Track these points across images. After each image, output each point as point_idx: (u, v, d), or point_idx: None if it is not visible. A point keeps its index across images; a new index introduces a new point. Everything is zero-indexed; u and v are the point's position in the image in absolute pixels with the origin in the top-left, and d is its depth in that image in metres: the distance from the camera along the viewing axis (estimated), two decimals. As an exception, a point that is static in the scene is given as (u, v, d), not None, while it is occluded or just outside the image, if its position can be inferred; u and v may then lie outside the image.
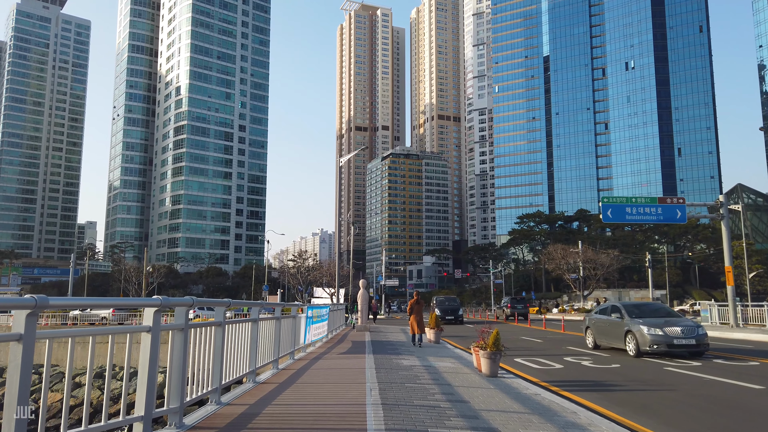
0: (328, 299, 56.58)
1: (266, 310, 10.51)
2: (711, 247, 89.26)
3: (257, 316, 8.58)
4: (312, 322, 14.29)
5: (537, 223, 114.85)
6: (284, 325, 11.23)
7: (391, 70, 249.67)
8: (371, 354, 13.57)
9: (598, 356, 15.23)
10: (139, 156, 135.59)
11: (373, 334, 23.04)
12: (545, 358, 14.77)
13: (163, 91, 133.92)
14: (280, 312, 10.50)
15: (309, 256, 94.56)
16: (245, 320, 8.24)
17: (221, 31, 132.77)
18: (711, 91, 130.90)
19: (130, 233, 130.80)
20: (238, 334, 7.83)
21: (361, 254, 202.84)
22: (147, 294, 78.77)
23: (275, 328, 10.28)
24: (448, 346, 17.08)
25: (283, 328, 11.18)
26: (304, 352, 13.88)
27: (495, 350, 9.81)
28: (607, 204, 29.51)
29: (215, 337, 6.69)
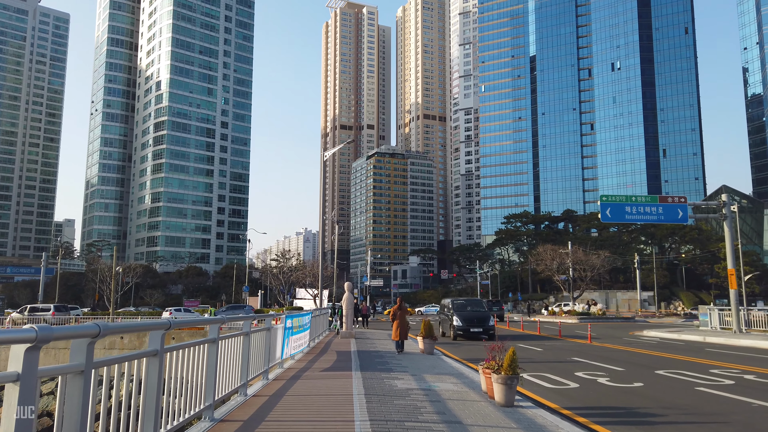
0: (311, 300, 54.64)
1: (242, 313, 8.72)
2: (697, 249, 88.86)
3: (216, 335, 6.75)
4: (291, 333, 12.46)
5: (524, 223, 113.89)
6: (256, 341, 9.40)
7: (376, 69, 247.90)
8: (359, 371, 11.76)
9: (612, 371, 13.60)
10: (117, 152, 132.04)
11: (359, 342, 21.23)
12: (554, 373, 13.12)
13: (143, 85, 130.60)
14: (249, 326, 8.66)
15: (292, 255, 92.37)
16: (197, 342, 6.42)
17: (203, 25, 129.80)
18: (696, 92, 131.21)
19: (108, 231, 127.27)
20: (188, 360, 6.01)
21: (346, 254, 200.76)
22: (122, 295, 76.12)
23: (243, 347, 8.45)
24: (444, 358, 15.34)
25: (255, 345, 9.35)
26: (281, 368, 12.05)
27: (512, 374, 8.07)
28: (606, 203, 28.01)
29: (148, 373, 4.87)
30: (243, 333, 8.55)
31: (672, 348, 21.15)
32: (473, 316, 24.47)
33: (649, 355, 17.89)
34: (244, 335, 8.58)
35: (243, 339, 8.53)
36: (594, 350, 19.72)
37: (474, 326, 23.79)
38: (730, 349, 20.65)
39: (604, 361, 15.90)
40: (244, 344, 8.53)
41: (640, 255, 74.50)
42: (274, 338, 11.15)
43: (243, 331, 8.65)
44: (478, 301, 27.08)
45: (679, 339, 26.47)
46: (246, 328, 8.68)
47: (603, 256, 54.47)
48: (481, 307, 25.93)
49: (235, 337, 7.99)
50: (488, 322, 23.96)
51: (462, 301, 26.86)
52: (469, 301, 26.86)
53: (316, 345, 19.23)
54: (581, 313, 48.24)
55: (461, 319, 24.01)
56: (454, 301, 26.47)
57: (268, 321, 10.46)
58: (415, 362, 13.90)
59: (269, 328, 10.37)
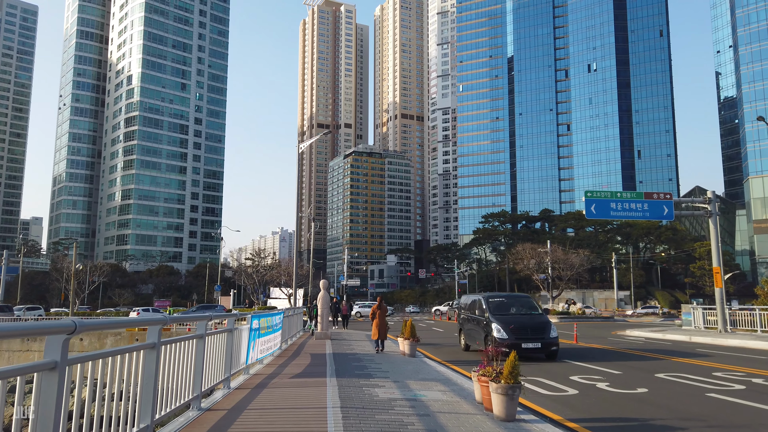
0: (286, 300, 53.07)
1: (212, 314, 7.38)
2: (672, 249, 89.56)
3: (156, 340, 5.42)
4: (258, 336, 11.12)
5: (501, 222, 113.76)
6: (214, 345, 8.07)
7: (354, 68, 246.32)
8: (334, 377, 10.48)
9: (609, 374, 12.57)
10: (86, 148, 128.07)
11: (336, 343, 19.92)
12: (548, 377, 12.02)
13: (114, 80, 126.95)
14: (204, 328, 7.33)
15: (268, 254, 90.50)
16: (133, 348, 5.10)
17: (177, 18, 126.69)
18: (670, 94, 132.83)
19: (76, 229, 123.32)
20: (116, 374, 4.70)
21: (322, 253, 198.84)
22: (89, 295, 73.37)
23: (196, 352, 7.13)
24: (427, 361, 14.14)
25: (213, 349, 8.02)
26: (246, 374, 10.72)
27: (513, 383, 6.89)
28: (591, 199, 27.16)
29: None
30: (196, 336, 7.22)
31: (661, 348, 20.33)
32: (524, 322, 15.83)
33: (642, 357, 16.96)
34: (198, 338, 7.26)
35: (196, 343, 7.21)
36: (582, 351, 18.76)
37: (527, 339, 15.10)
38: (722, 350, 19.89)
39: (596, 362, 14.89)
40: (197, 349, 7.21)
41: (616, 254, 74.62)
42: (237, 341, 9.82)
43: (197, 333, 7.33)
44: (523, 299, 17.70)
45: (664, 339, 25.77)
46: (200, 330, 7.35)
47: (582, 255, 54.09)
48: (532, 308, 17.11)
49: (185, 341, 6.67)
50: (548, 332, 15.43)
51: (501, 298, 17.32)
52: (511, 298, 17.62)
53: (288, 347, 17.89)
54: (561, 312, 47.62)
55: (505, 327, 15.24)
56: (489, 299, 16.97)
57: (230, 322, 9.12)
58: (396, 366, 12.68)
59: (231, 329, 9.03)
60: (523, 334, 15.27)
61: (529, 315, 16.55)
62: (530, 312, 16.84)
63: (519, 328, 15.43)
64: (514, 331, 15.24)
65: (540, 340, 15.22)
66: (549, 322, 16.11)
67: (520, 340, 15.04)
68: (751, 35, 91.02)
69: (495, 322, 15.43)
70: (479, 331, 16.44)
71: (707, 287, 76.29)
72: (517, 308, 16.90)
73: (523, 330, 15.41)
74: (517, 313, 16.56)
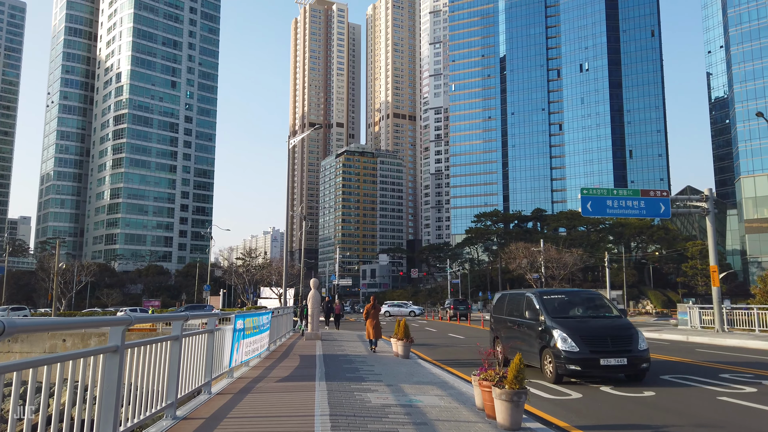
0: (277, 300, 52.36)
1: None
2: (664, 248, 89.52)
3: (118, 343, 4.78)
4: (243, 336, 10.47)
5: (494, 222, 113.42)
6: (193, 347, 7.43)
7: (346, 67, 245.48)
8: (324, 381, 9.85)
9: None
10: (74, 146, 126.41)
11: (326, 344, 19.28)
12: (547, 378, 11.44)
13: (103, 77, 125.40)
14: (181, 329, 6.69)
15: (259, 254, 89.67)
16: (89, 352, 4.46)
17: (167, 15, 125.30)
18: (661, 94, 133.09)
19: (64, 229, 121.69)
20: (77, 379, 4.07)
21: (314, 253, 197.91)
22: (77, 295, 72.22)
23: (171, 355, 6.49)
24: (422, 363, 13.53)
25: (192, 352, 7.38)
26: (230, 378, 10.06)
27: (519, 389, 6.29)
28: (586, 196, 26.68)
29: None
30: (170, 338, 6.57)
31: (659, 348, 19.86)
32: (599, 328, 11.45)
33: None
34: (173, 340, 6.61)
35: (171, 345, 6.57)
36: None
37: (608, 352, 10.75)
38: (722, 350, 19.44)
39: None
40: (172, 352, 6.57)
41: (608, 254, 74.37)
42: (220, 342, 9.17)
43: (172, 334, 6.68)
44: (591, 296, 13.13)
45: (661, 338, 25.35)
46: (176, 331, 6.71)
47: (576, 254, 53.71)
48: (604, 308, 12.57)
49: (157, 343, 6.02)
50: (636, 343, 11.08)
51: (560, 295, 12.89)
52: (573, 295, 13.18)
53: (277, 348, 17.23)
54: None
55: (574, 335, 10.91)
56: (543, 295, 12.52)
57: (211, 322, 8.48)
58: (389, 368, 12.06)
59: (212, 330, 8.38)
60: (601, 345, 10.80)
61: (603, 318, 12.14)
62: (603, 314, 12.33)
63: (594, 336, 10.95)
64: (588, 341, 10.76)
65: (626, 354, 10.65)
66: (633, 327, 11.64)
67: (598, 353, 10.61)
68: (743, 34, 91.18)
69: (558, 329, 11.02)
70: (531, 341, 11.97)
71: (699, 287, 76.33)
72: (583, 309, 12.46)
73: (600, 340, 10.90)
74: (585, 315, 12.17)
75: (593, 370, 10.66)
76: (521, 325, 12.71)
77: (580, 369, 10.55)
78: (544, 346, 11.28)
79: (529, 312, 12.31)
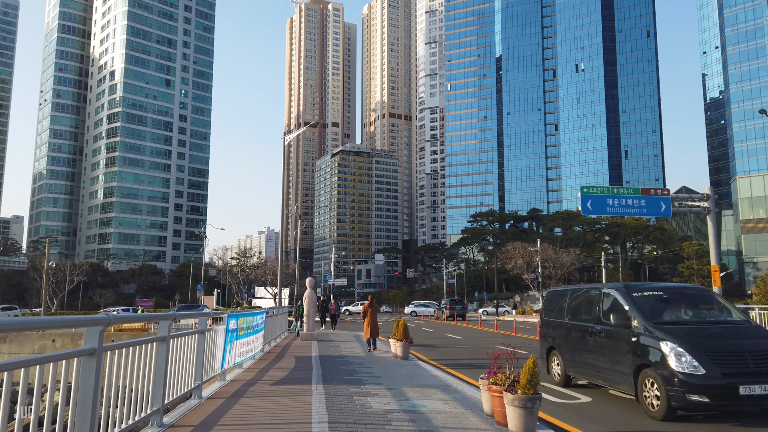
0: (272, 300, 51.82)
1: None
2: (660, 248, 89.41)
3: (95, 345, 4.30)
4: (237, 337, 9.98)
5: (490, 221, 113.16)
6: (181, 348, 6.95)
7: (342, 66, 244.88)
8: (321, 384, 9.36)
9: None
10: (67, 145, 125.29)
11: (322, 344, 18.79)
12: (550, 380, 11.01)
13: (96, 75, 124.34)
14: (168, 329, 6.21)
15: (254, 254, 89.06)
16: (62, 355, 3.97)
17: (161, 13, 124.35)
18: (657, 94, 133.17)
19: (57, 228, 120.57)
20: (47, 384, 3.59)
21: (309, 253, 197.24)
22: (69, 295, 71.39)
23: (157, 358, 6.01)
24: (422, 365, 13.07)
25: (180, 354, 6.90)
26: (222, 380, 9.57)
27: (532, 394, 5.84)
28: (587, 194, 26.23)
29: None
30: (156, 339, 6.09)
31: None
32: (731, 342, 7.84)
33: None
34: (159, 341, 6.13)
35: (157, 347, 6.08)
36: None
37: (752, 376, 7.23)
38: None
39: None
40: (158, 354, 6.09)
41: (605, 254, 74.16)
42: (211, 343, 8.68)
43: (158, 335, 6.20)
44: (700, 293, 9.69)
45: (662, 339, 24.98)
46: (162, 332, 6.22)
47: (573, 253, 53.39)
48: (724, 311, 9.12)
49: (141, 345, 5.54)
50: None
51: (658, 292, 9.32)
52: (675, 292, 9.74)
53: (271, 349, 16.74)
54: (552, 312, 46.90)
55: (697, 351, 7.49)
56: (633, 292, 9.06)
57: (201, 322, 7.99)
58: (389, 370, 11.59)
59: (203, 330, 7.90)
60: (738, 364, 7.40)
61: (726, 324, 8.64)
62: (724, 317, 8.94)
63: (725, 352, 7.55)
64: (717, 359, 7.39)
65: None
66: None
67: (735, 377, 7.20)
68: (739, 35, 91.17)
69: (667, 340, 7.69)
70: (617, 357, 8.63)
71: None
72: (693, 310, 9.08)
73: (735, 357, 7.50)
74: (699, 320, 8.72)
75: (729, 401, 7.16)
76: (598, 334, 9.23)
77: (709, 400, 7.08)
78: (643, 365, 7.90)
79: (614, 315, 8.83)
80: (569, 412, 8.09)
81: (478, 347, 20.17)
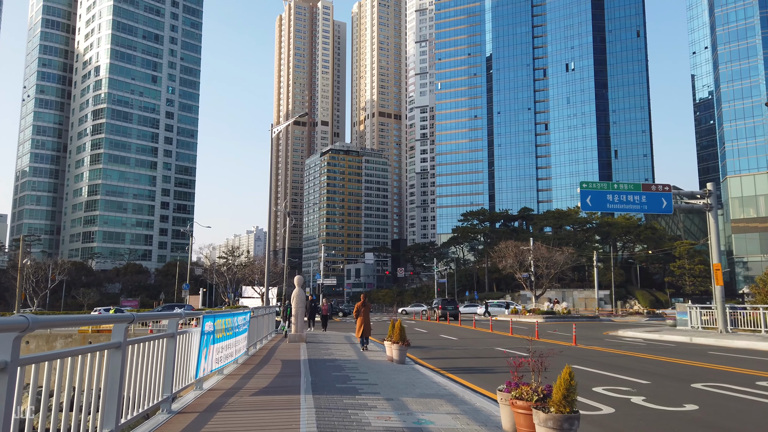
0: (259, 299, 50.54)
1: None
2: (651, 248, 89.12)
3: (9, 357, 3.19)
4: (214, 341, 8.85)
5: (480, 221, 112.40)
6: (142, 356, 5.83)
7: (331, 65, 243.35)
8: (310, 394, 8.26)
9: (637, 384, 10.61)
10: (51, 141, 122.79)
11: (312, 347, 17.68)
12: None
13: (81, 71, 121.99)
14: (124, 334, 5.10)
15: (242, 252, 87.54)
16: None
17: (148, 8, 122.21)
18: (647, 94, 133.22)
19: (40, 226, 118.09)
20: None
21: (298, 252, 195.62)
22: (52, 295, 69.56)
23: (110, 369, 4.91)
24: (421, 370, 12.01)
25: (140, 362, 5.78)
26: (198, 390, 8.45)
27: (570, 412, 4.80)
28: (586, 190, 25.42)
29: None
30: (110, 346, 4.98)
31: (668, 351, 18.61)
32: None
33: (659, 362, 15.13)
34: (113, 349, 5.02)
35: (110, 355, 4.98)
36: (589, 355, 16.86)
37: None
38: (737, 353, 18.22)
39: (614, 369, 12.97)
40: (112, 364, 4.99)
41: (596, 253, 73.58)
42: (185, 348, 7.56)
43: (112, 341, 5.08)
44: None
45: (663, 340, 24.16)
46: (117, 337, 5.11)
47: (567, 252, 52.61)
48: None
49: (86, 354, 4.44)
50: None
51: None
52: None
53: (257, 352, 15.59)
54: (546, 312, 46.06)
55: None
56: None
57: (171, 324, 6.86)
58: (386, 376, 10.50)
59: (174, 334, 6.77)
60: None
61: None
62: None
63: None
64: None
65: None
66: None
67: None
68: (730, 34, 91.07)
69: None
70: None
71: (687, 287, 75.94)
72: None
73: None
74: None
75: None
76: None
77: None
78: None
79: None
80: (597, 427, 7.07)
81: (476, 349, 19.19)
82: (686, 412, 8.12)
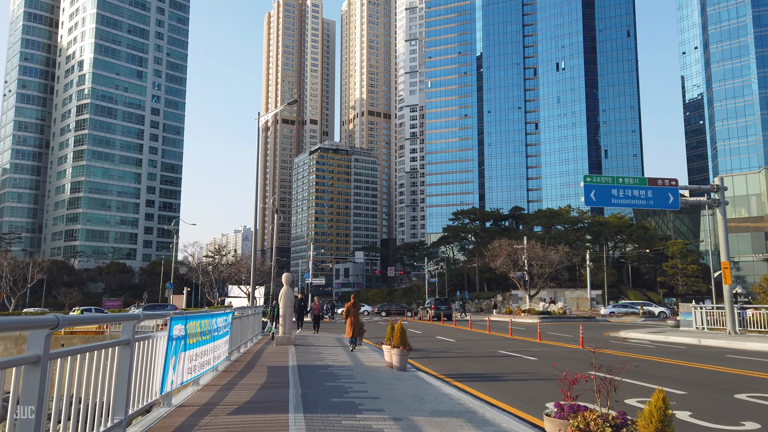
0: (246, 299, 48.96)
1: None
2: (643, 247, 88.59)
3: None
4: (186, 347, 7.41)
5: (471, 220, 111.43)
6: (84, 370, 4.42)
7: (320, 63, 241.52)
8: (301, 412, 6.86)
9: (672, 395, 9.34)
10: (33, 137, 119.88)
11: (301, 351, 16.25)
12: (591, 400, 8.66)
13: (64, 65, 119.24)
14: (41, 344, 3.69)
15: (228, 251, 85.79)
16: None
17: (133, 2, 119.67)
18: (637, 94, 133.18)
19: (21, 224, 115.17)
20: None
21: (286, 252, 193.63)
22: (32, 294, 67.37)
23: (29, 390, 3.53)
24: (426, 378, 10.64)
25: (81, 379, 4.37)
26: (167, 406, 7.03)
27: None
28: (590, 184, 24.22)
29: None
30: (24, 359, 3.58)
31: (682, 354, 17.44)
32: None
33: (679, 367, 13.92)
34: (29, 364, 3.62)
35: (26, 372, 3.59)
36: (602, 359, 15.58)
37: None
38: (757, 356, 17.08)
39: (636, 376, 11.72)
40: (28, 381, 3.60)
41: (588, 253, 72.79)
42: (148, 357, 6.13)
43: (27, 354, 3.68)
44: None
45: (670, 342, 23.01)
46: (35, 349, 3.70)
47: (562, 251, 51.56)
48: None
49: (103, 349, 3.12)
50: None
51: None
52: None
53: (240, 357, 14.14)
54: (542, 312, 44.94)
55: None
56: None
57: (126, 328, 5.43)
58: (387, 387, 9.11)
59: (128, 341, 5.34)
60: None
61: None
62: None
63: None
64: None
65: None
66: None
67: None
68: (722, 33, 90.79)
69: None
70: None
71: (680, 286, 75.33)
72: None
73: None
74: None
75: None
76: None
77: None
78: None
79: None
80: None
81: (478, 351, 17.89)
82: (747, 431, 6.84)
